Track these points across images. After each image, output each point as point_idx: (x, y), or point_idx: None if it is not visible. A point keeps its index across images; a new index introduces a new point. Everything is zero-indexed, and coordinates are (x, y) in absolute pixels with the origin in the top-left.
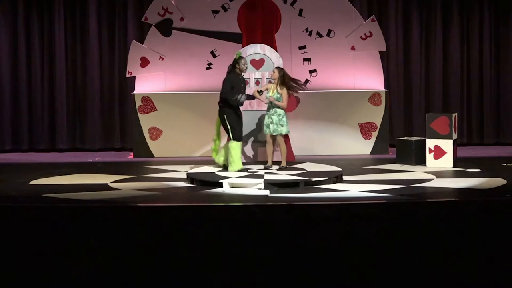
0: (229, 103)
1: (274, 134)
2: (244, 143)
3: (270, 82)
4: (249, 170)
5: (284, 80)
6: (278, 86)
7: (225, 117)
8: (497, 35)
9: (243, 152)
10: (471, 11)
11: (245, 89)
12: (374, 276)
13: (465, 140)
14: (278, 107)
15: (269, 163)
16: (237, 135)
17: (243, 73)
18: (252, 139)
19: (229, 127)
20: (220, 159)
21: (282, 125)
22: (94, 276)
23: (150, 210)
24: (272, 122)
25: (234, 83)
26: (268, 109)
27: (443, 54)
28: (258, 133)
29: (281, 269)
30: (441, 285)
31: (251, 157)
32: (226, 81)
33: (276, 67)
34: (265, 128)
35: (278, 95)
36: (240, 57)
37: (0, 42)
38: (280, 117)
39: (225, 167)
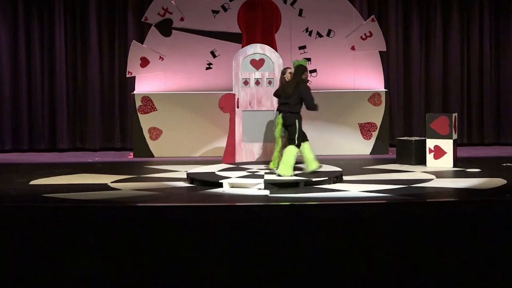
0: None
1: None
2: (248, 143)
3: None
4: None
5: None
6: None
7: (297, 123)
8: (497, 35)
9: (252, 152)
10: (471, 11)
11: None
12: (374, 275)
13: (465, 140)
14: None
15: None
16: (299, 143)
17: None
18: (254, 138)
19: (297, 133)
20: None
21: None
22: (94, 275)
23: (150, 210)
24: None
25: (280, 90)
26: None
27: (443, 54)
28: (258, 133)
29: (281, 269)
30: (441, 284)
31: (259, 156)
32: (304, 91)
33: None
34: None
35: None
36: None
37: (0, 42)
38: None
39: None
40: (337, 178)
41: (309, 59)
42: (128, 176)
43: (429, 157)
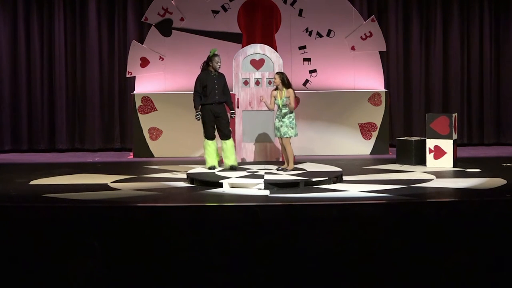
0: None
1: (285, 137)
2: (248, 143)
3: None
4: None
5: (288, 82)
6: (283, 90)
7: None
8: (497, 35)
9: (252, 152)
10: (471, 11)
11: (222, 87)
12: (374, 276)
13: (465, 140)
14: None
15: (285, 164)
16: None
17: (216, 71)
18: (254, 138)
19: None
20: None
21: (292, 128)
22: (94, 276)
23: (150, 210)
24: (282, 125)
25: (205, 82)
26: (278, 112)
27: (443, 54)
28: (258, 133)
29: (281, 269)
30: (441, 285)
31: (253, 156)
32: (196, 80)
33: (276, 73)
34: (276, 131)
35: (286, 98)
36: (214, 55)
37: (0, 41)
38: (291, 119)
39: (231, 168)
40: (337, 178)
41: (309, 59)
42: (128, 176)
43: (429, 157)
